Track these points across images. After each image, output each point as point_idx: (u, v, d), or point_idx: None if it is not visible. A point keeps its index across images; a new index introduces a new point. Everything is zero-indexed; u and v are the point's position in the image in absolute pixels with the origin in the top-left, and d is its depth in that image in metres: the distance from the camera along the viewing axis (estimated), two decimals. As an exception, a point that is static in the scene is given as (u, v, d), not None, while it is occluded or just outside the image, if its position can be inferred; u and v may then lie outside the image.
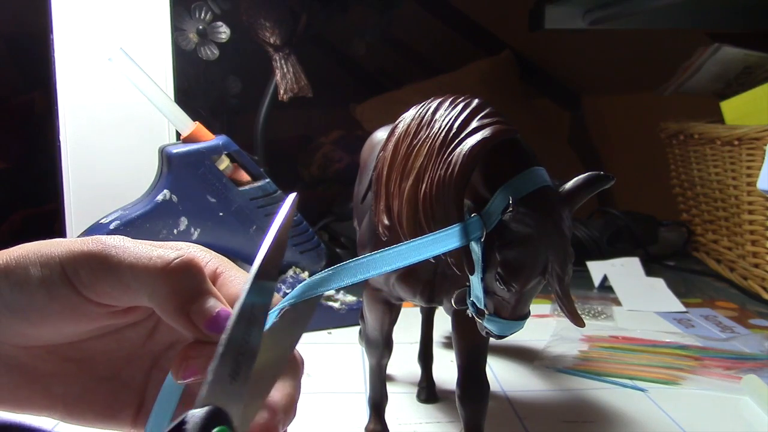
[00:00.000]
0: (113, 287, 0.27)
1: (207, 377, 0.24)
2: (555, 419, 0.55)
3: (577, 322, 0.35)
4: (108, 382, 0.31)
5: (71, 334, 0.30)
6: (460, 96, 0.38)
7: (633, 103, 1.45)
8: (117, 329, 0.31)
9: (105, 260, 0.27)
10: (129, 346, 0.32)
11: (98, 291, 0.27)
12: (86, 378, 0.31)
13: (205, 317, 0.27)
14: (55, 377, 0.30)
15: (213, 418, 0.23)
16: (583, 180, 0.35)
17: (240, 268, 0.31)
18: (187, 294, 0.27)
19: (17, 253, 0.28)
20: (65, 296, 0.27)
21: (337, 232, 1.10)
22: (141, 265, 0.27)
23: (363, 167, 0.50)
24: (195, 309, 0.27)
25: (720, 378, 0.62)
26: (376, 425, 0.50)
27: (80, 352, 0.31)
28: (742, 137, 0.89)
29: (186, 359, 0.27)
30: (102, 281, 0.27)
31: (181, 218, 0.68)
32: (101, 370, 0.31)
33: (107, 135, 0.76)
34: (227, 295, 0.29)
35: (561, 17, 1.07)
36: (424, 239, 0.32)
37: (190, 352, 0.27)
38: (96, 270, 0.27)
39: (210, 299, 0.27)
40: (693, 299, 0.89)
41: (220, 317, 0.27)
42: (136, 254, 0.27)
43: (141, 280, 0.27)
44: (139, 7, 0.75)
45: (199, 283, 0.28)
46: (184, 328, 0.27)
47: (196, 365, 0.27)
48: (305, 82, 0.98)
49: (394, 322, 0.49)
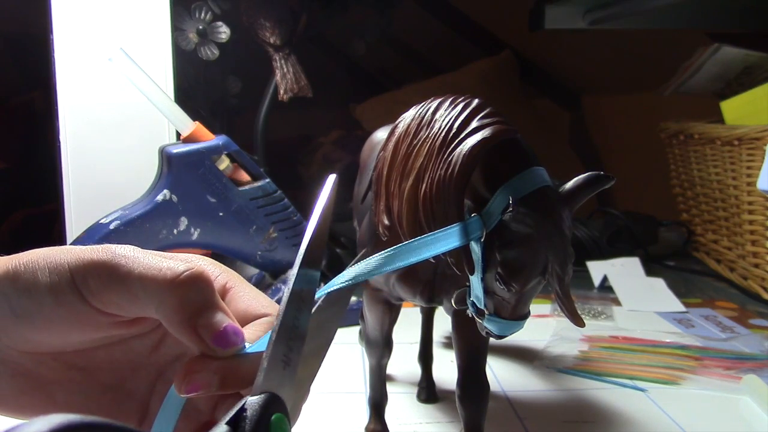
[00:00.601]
0: (121, 297, 0.27)
1: (263, 364, 0.24)
2: (555, 419, 0.55)
3: (577, 322, 0.35)
4: (112, 392, 0.31)
5: (77, 342, 0.29)
6: (460, 96, 0.38)
7: (633, 103, 1.45)
8: (123, 340, 0.31)
9: (114, 269, 0.27)
10: (134, 356, 0.32)
11: (105, 300, 0.27)
12: (90, 387, 0.31)
13: (213, 331, 0.27)
14: (59, 384, 0.30)
15: (270, 405, 0.23)
16: (583, 180, 0.35)
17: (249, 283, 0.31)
18: (194, 307, 0.27)
19: (26, 258, 0.28)
20: (72, 303, 0.27)
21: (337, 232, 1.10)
22: (150, 276, 0.27)
23: (363, 167, 0.50)
24: (202, 322, 0.27)
25: (720, 378, 0.62)
26: (376, 425, 0.50)
27: (85, 360, 0.31)
28: (742, 137, 0.89)
29: (190, 373, 0.26)
30: (110, 290, 0.27)
31: (181, 218, 0.68)
32: (106, 380, 0.31)
33: (107, 135, 0.76)
34: (236, 310, 0.29)
35: (561, 17, 1.07)
36: (424, 239, 0.32)
37: (194, 366, 0.27)
38: (104, 279, 0.27)
39: (218, 313, 0.27)
40: (693, 299, 0.89)
41: (228, 332, 0.27)
42: (145, 265, 0.27)
43: (149, 291, 0.27)
44: (139, 7, 0.75)
45: (208, 297, 0.28)
46: (190, 341, 0.27)
47: (200, 379, 0.26)
48: (305, 82, 0.98)
49: (394, 322, 0.49)
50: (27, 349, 0.29)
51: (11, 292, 0.27)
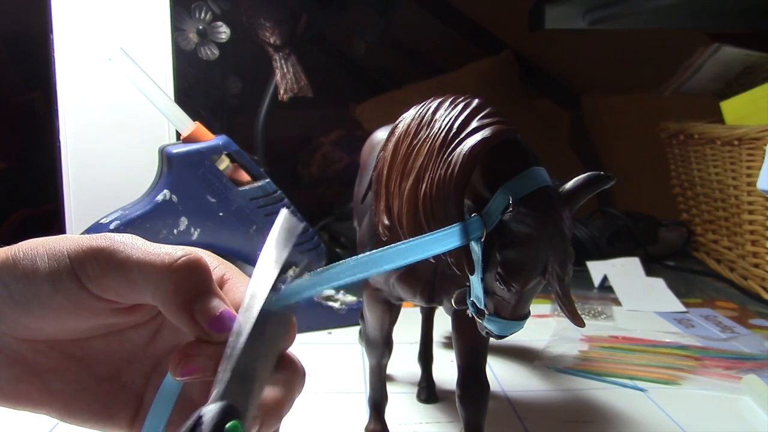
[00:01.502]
0: (119, 282, 0.27)
1: (219, 375, 0.24)
2: (555, 419, 0.55)
3: (577, 322, 0.35)
4: (107, 383, 0.31)
5: (74, 330, 0.30)
6: (460, 96, 0.38)
7: (633, 103, 1.45)
8: (120, 330, 0.31)
9: (112, 255, 0.27)
10: (131, 347, 0.32)
11: (103, 286, 0.28)
12: (86, 376, 0.31)
13: (209, 316, 0.27)
14: (55, 373, 0.30)
15: (226, 413, 0.24)
16: (583, 180, 0.35)
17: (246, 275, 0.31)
18: (191, 292, 0.27)
19: (26, 246, 0.28)
20: (70, 290, 0.27)
21: (337, 232, 1.10)
22: (147, 261, 0.27)
23: (363, 167, 0.50)
24: (199, 307, 0.27)
25: (720, 378, 0.62)
26: (376, 425, 0.50)
27: (82, 350, 0.31)
28: (742, 137, 0.89)
29: (186, 357, 0.27)
30: (108, 276, 0.27)
31: (181, 218, 0.68)
32: (101, 370, 0.31)
33: (107, 135, 0.76)
34: (233, 300, 0.29)
35: (561, 17, 1.07)
36: (424, 238, 0.32)
37: (190, 350, 0.27)
38: (103, 264, 0.27)
39: (214, 299, 0.28)
40: (693, 299, 0.89)
41: (224, 317, 0.27)
42: (143, 251, 0.28)
43: (146, 276, 0.27)
44: (139, 7, 0.75)
45: (204, 282, 0.28)
46: (186, 326, 0.27)
47: (195, 363, 0.27)
48: (305, 82, 0.98)
49: (394, 322, 0.49)
50: (25, 337, 0.29)
51: (10, 279, 0.27)
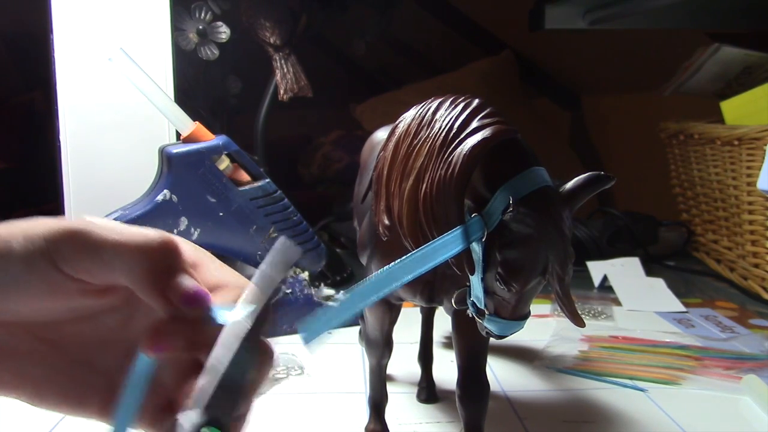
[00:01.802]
0: (93, 263, 0.28)
1: (198, 382, 0.25)
2: (555, 419, 0.55)
3: (577, 322, 0.35)
4: (80, 367, 0.32)
5: (47, 312, 0.30)
6: (460, 96, 0.38)
7: (633, 103, 1.45)
8: (93, 314, 0.32)
9: (86, 236, 0.28)
10: (104, 332, 0.32)
11: (77, 266, 0.28)
12: (58, 360, 0.31)
13: (181, 293, 0.28)
14: (28, 357, 0.30)
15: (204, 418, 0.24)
16: (583, 180, 0.35)
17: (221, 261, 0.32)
18: (163, 271, 0.28)
19: (2, 229, 0.29)
20: (43, 270, 0.28)
21: (337, 232, 1.10)
22: (121, 242, 0.28)
23: (363, 167, 0.50)
24: (171, 285, 0.28)
25: (720, 378, 0.62)
26: (376, 425, 0.50)
27: (55, 333, 0.31)
28: (742, 137, 0.89)
29: (158, 334, 0.28)
30: (81, 256, 0.28)
31: (181, 218, 0.68)
32: (74, 354, 0.32)
33: (107, 135, 0.76)
34: (205, 282, 0.30)
35: (561, 17, 1.08)
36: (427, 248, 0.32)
37: (162, 327, 0.28)
38: (77, 245, 0.28)
39: (186, 277, 0.29)
40: (693, 299, 0.89)
41: (196, 293, 0.28)
42: (117, 231, 0.29)
43: (120, 256, 0.28)
44: (139, 7, 0.75)
45: (177, 262, 0.29)
46: (158, 304, 0.28)
47: (167, 341, 0.28)
48: (305, 82, 0.98)
49: (394, 322, 0.49)
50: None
51: None
